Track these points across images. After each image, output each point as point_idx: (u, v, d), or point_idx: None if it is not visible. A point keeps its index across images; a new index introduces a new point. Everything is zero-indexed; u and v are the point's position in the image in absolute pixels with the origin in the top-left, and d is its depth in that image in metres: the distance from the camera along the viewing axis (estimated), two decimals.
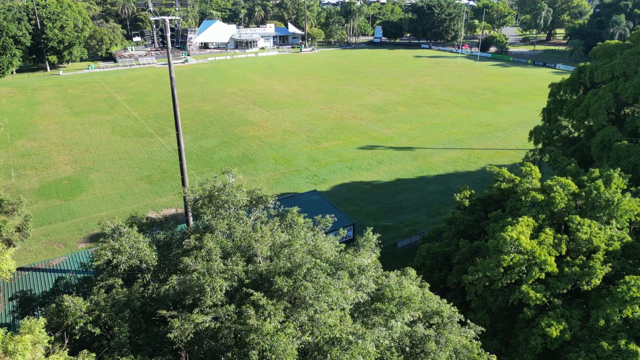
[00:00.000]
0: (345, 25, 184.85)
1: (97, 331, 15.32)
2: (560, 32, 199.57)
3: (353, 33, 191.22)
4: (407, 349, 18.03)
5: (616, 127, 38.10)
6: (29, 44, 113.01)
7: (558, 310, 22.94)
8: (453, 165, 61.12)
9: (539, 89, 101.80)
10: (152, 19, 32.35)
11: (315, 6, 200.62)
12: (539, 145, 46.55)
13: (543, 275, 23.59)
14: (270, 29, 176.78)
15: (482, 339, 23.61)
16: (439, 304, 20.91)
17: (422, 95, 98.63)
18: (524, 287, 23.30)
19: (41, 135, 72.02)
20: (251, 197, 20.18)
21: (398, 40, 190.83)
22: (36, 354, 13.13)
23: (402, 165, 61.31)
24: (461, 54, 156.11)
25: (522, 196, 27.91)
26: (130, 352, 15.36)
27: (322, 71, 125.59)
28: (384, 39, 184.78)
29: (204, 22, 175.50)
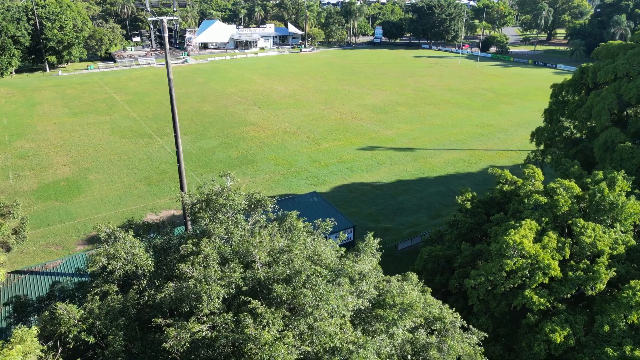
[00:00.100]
0: (345, 25, 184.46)
1: (91, 340, 14.93)
2: (561, 32, 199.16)
3: (353, 33, 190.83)
4: (409, 356, 17.65)
5: (619, 128, 37.70)
6: (28, 44, 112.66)
7: (562, 316, 22.56)
8: (454, 166, 60.73)
9: (539, 89, 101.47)
10: (149, 19, 31.87)
11: (315, 6, 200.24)
12: (541, 147, 46.15)
13: (547, 279, 23.21)
14: (270, 29, 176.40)
15: (485, 344, 23.22)
16: (441, 309, 20.54)
17: (423, 95, 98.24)
18: (527, 292, 22.92)
19: (40, 136, 71.64)
20: (249, 201, 19.78)
21: (398, 41, 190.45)
22: None
23: (402, 166, 60.93)
24: (461, 54, 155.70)
25: (524, 199, 27.52)
26: None
27: (322, 71, 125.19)
28: (384, 39, 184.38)
29: (203, 22, 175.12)
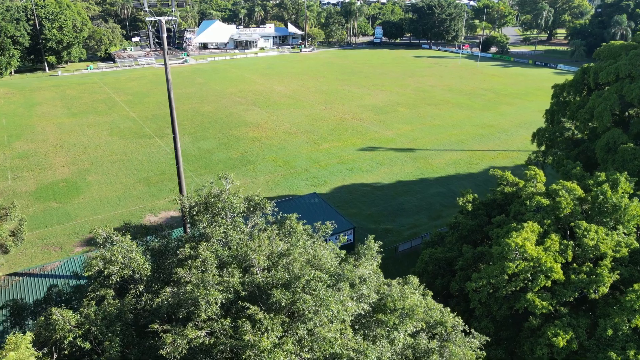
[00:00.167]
0: (345, 26, 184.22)
1: (87, 346, 14.67)
2: (561, 32, 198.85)
3: (353, 33, 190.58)
4: None
5: (621, 129, 37.45)
6: (27, 44, 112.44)
7: (565, 319, 22.32)
8: (454, 167, 60.48)
9: (540, 90, 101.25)
10: (147, 19, 31.63)
11: (315, 6, 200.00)
12: (542, 147, 45.87)
13: (549, 282, 22.97)
14: (270, 29, 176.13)
15: (486, 348, 22.99)
16: (442, 313, 20.29)
17: (423, 95, 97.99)
18: (530, 295, 22.67)
19: (39, 136, 71.39)
20: (248, 203, 19.53)
21: (398, 41, 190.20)
22: None
23: (402, 167, 60.67)
24: (462, 54, 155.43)
25: (526, 201, 27.26)
26: None
27: (322, 71, 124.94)
28: (384, 39, 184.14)
29: (203, 22, 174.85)
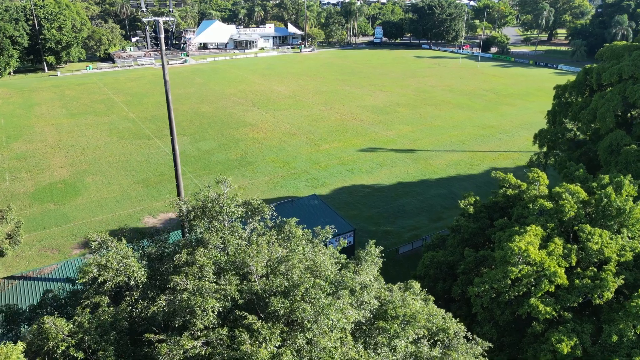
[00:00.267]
0: (346, 26, 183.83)
1: (80, 355, 14.27)
2: (562, 32, 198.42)
3: (353, 33, 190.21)
4: None
5: (623, 130, 37.07)
6: (26, 44, 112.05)
7: (569, 325, 21.93)
8: (455, 168, 60.08)
9: (541, 90, 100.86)
10: (144, 19, 31.23)
11: (315, 6, 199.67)
12: (544, 149, 45.50)
13: (553, 287, 22.56)
14: (269, 29, 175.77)
15: (489, 353, 22.60)
16: (445, 319, 19.92)
17: (423, 96, 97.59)
18: (533, 300, 22.28)
19: (37, 137, 71.01)
20: (247, 208, 19.15)
21: (398, 41, 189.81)
22: None
23: (403, 168, 60.28)
24: (462, 54, 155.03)
25: (529, 204, 26.86)
26: None
27: (322, 72, 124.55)
28: (384, 39, 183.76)
29: (203, 22, 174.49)
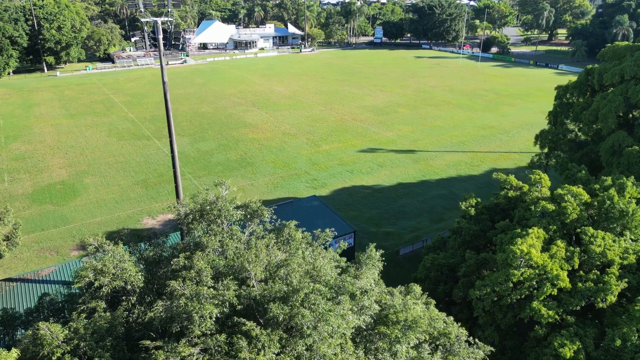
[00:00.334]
0: (346, 26, 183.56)
1: None
2: (562, 32, 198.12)
3: (353, 33, 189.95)
4: None
5: (625, 131, 36.81)
6: (25, 44, 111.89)
7: (571, 329, 21.68)
8: (456, 169, 59.81)
9: (541, 90, 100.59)
10: (142, 20, 31.00)
11: (315, 6, 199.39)
12: (545, 149, 45.24)
13: (555, 291, 22.30)
14: (269, 29, 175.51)
15: (491, 357, 22.36)
16: (446, 323, 19.68)
17: (424, 96, 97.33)
18: (535, 304, 22.03)
19: (36, 137, 70.76)
20: (245, 211, 18.89)
21: (398, 41, 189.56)
22: None
23: (403, 168, 60.01)
24: (462, 54, 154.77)
25: (531, 206, 26.60)
26: None
27: (322, 72, 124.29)
28: (384, 39, 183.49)
29: (203, 22, 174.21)
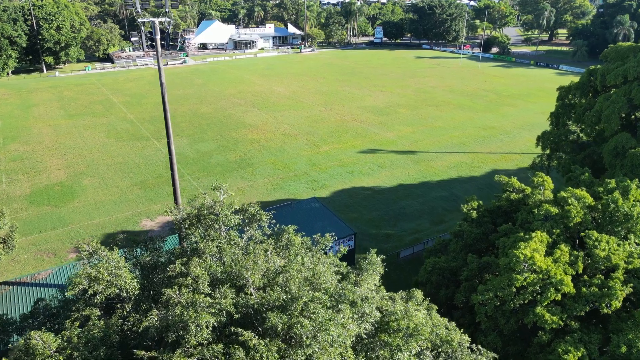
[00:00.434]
0: (346, 26, 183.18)
1: None
2: (563, 32, 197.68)
3: (353, 33, 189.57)
4: None
5: (628, 132, 36.45)
6: (25, 44, 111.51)
7: (576, 335, 21.30)
8: (456, 170, 59.41)
9: (542, 91, 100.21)
10: (139, 20, 30.61)
11: (315, 6, 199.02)
12: (547, 151, 44.87)
13: (559, 296, 21.92)
14: (269, 29, 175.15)
15: None
16: (448, 330, 19.29)
17: (424, 97, 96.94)
18: (539, 309, 21.64)
19: (34, 138, 70.37)
20: (244, 215, 18.51)
21: (399, 41, 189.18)
22: None
23: (404, 169, 59.62)
24: (463, 54, 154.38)
25: (534, 209, 26.21)
26: None
27: (322, 72, 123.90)
28: (384, 39, 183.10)
29: (202, 22, 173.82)
